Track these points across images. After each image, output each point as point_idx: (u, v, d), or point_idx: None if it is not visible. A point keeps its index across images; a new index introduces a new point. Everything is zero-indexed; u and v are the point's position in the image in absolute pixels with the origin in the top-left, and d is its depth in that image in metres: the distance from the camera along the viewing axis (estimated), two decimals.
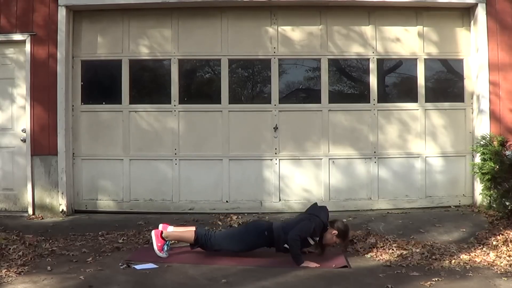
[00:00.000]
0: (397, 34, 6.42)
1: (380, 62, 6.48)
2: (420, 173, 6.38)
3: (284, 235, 4.45)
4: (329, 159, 6.36)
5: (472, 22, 6.36)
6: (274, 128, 6.36)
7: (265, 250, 4.78)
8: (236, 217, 5.89)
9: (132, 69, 6.41)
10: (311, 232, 4.46)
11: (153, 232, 4.64)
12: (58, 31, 6.12)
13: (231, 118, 6.37)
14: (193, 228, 4.68)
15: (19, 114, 6.30)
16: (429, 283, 3.89)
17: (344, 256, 4.61)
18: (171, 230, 4.72)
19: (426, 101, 6.41)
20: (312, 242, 4.55)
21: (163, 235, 4.59)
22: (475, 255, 4.60)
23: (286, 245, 4.46)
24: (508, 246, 4.73)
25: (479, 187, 6.01)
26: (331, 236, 4.57)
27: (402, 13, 6.39)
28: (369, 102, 6.40)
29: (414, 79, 6.46)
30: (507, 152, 5.67)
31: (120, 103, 6.38)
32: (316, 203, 4.78)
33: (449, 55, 6.48)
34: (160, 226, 4.77)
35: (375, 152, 6.38)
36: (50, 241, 5.05)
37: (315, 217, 4.52)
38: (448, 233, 5.26)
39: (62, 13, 6.13)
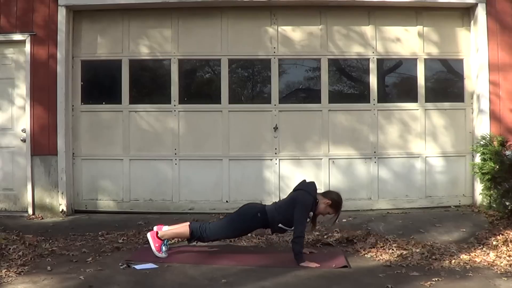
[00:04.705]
0: (397, 34, 6.42)
1: (380, 62, 6.48)
2: (420, 173, 6.38)
3: (278, 215, 4.47)
4: (329, 159, 6.37)
5: (472, 22, 6.36)
6: (274, 128, 6.36)
7: (265, 250, 4.79)
8: None
9: (132, 69, 6.41)
10: (307, 215, 4.47)
11: (149, 234, 4.64)
12: (58, 31, 6.12)
13: (231, 118, 6.37)
14: (187, 223, 4.68)
15: (19, 114, 6.30)
16: (429, 283, 3.88)
17: (344, 256, 4.60)
18: (166, 229, 4.72)
19: (426, 101, 6.41)
20: (308, 219, 4.56)
21: (158, 235, 4.60)
22: (475, 255, 4.59)
23: (280, 225, 4.48)
24: (508, 246, 4.73)
25: (479, 187, 6.01)
26: (324, 206, 4.56)
27: (402, 13, 6.39)
28: (369, 102, 6.40)
29: (414, 79, 6.46)
30: (507, 152, 5.66)
31: (120, 103, 6.38)
32: (304, 180, 4.75)
33: (449, 55, 6.48)
34: (155, 228, 4.77)
35: (375, 152, 6.38)
36: (50, 241, 5.04)
37: (306, 193, 4.50)
38: (448, 233, 5.26)
39: (62, 13, 6.13)
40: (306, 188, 4.56)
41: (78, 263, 4.37)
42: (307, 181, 4.71)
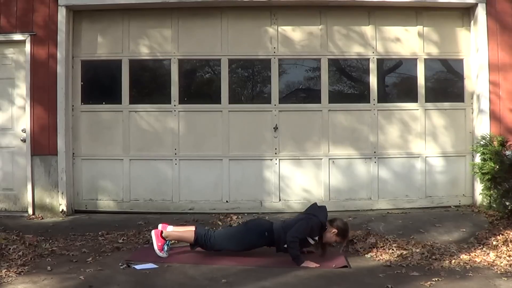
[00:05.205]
0: (397, 34, 6.42)
1: (380, 62, 6.48)
2: (420, 173, 6.38)
3: (284, 235, 4.46)
4: (329, 159, 6.36)
5: (472, 22, 6.36)
6: (274, 128, 6.36)
7: (265, 250, 4.79)
8: (236, 217, 5.89)
9: (132, 69, 6.41)
10: (308, 231, 4.47)
11: (153, 232, 4.65)
12: (58, 31, 6.12)
13: (231, 118, 6.37)
14: (192, 228, 4.68)
15: (19, 114, 6.30)
16: (429, 283, 3.89)
17: (344, 256, 4.61)
18: (170, 229, 4.73)
19: (426, 101, 6.41)
20: (312, 241, 4.56)
21: (163, 234, 4.60)
22: (475, 255, 4.60)
23: (286, 245, 4.46)
24: (508, 246, 4.74)
25: (479, 187, 6.02)
26: (331, 235, 4.57)
27: (402, 13, 6.39)
28: (369, 102, 6.40)
29: (414, 79, 6.46)
30: (507, 152, 5.67)
31: (120, 103, 6.38)
32: (315, 203, 4.79)
33: (449, 55, 6.48)
34: (160, 226, 4.78)
35: (375, 152, 6.38)
36: (50, 241, 5.05)
37: (313, 216, 4.54)
38: (448, 233, 5.26)
39: (62, 13, 6.13)
40: (315, 213, 4.59)
41: (78, 263, 4.37)
42: (318, 204, 4.74)
